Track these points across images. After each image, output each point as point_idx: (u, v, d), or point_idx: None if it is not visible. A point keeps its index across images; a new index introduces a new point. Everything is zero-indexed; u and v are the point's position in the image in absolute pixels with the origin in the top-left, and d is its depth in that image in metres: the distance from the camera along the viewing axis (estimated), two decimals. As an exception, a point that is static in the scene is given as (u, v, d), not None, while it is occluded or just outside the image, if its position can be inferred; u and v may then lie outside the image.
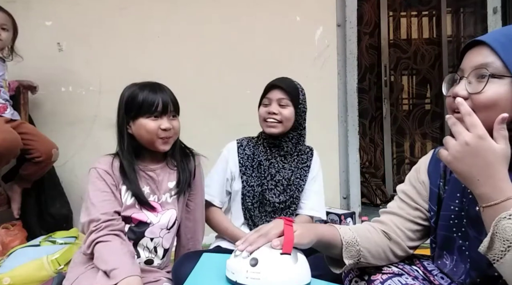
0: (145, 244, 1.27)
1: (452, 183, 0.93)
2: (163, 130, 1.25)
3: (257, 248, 0.90)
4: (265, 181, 1.47)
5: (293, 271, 0.89)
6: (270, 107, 1.45)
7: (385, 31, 3.81)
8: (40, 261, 1.57)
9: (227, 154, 1.54)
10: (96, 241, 1.15)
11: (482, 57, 0.82)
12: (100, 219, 1.17)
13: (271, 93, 1.46)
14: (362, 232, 1.00)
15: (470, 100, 0.82)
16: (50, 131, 2.41)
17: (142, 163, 1.32)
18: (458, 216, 0.91)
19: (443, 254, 0.95)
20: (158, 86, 1.29)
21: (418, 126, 3.97)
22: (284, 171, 1.49)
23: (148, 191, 1.30)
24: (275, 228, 0.92)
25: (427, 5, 3.93)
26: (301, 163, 1.52)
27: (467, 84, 0.83)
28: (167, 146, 1.30)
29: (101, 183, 1.24)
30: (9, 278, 1.51)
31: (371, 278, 0.98)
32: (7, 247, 1.93)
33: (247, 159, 1.49)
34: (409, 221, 1.01)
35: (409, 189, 1.03)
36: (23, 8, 2.46)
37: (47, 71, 2.48)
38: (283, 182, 1.47)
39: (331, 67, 2.60)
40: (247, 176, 1.48)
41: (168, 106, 1.27)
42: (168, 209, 1.31)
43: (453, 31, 3.94)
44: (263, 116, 1.48)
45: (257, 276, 0.86)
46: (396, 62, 3.91)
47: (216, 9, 2.56)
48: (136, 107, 1.24)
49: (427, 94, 4.00)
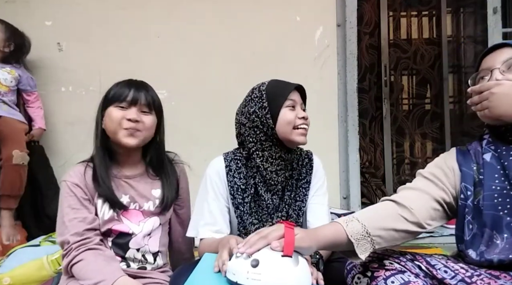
0: (133, 256, 1.23)
1: (487, 165, 1.00)
2: (128, 121, 1.17)
3: (257, 250, 0.90)
4: (268, 218, 1.25)
5: (293, 274, 0.89)
6: (299, 111, 1.23)
7: (385, 31, 3.81)
8: (40, 261, 1.57)
9: (216, 177, 1.26)
10: (70, 265, 1.12)
11: (507, 54, 0.97)
12: (69, 242, 1.13)
13: (295, 94, 1.24)
14: (374, 218, 0.99)
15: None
16: (50, 132, 2.42)
17: (118, 167, 1.26)
18: (502, 195, 0.96)
19: (492, 235, 0.96)
20: (137, 82, 1.25)
21: (418, 126, 3.97)
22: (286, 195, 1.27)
23: (128, 199, 1.24)
24: (276, 231, 0.93)
25: (427, 5, 3.93)
26: (301, 179, 1.30)
27: (502, 73, 0.97)
28: (131, 139, 1.19)
29: (72, 198, 1.17)
30: (9, 278, 1.51)
31: (374, 275, 0.97)
32: (7, 247, 1.93)
33: (237, 191, 1.24)
34: (435, 199, 1.02)
35: (437, 171, 1.06)
36: (23, 8, 2.46)
37: (47, 71, 2.48)
38: (289, 211, 1.26)
39: (331, 67, 2.60)
40: (240, 211, 1.24)
41: (138, 99, 1.20)
42: (151, 217, 1.26)
43: (453, 31, 3.94)
44: (293, 122, 1.21)
45: (257, 277, 0.86)
46: (396, 62, 3.91)
47: (216, 9, 2.56)
48: (107, 97, 1.22)
49: (427, 94, 4.00)
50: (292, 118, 1.21)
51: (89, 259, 1.11)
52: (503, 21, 2.61)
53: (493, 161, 0.99)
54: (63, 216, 1.16)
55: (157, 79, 2.53)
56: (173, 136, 2.36)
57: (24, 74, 2.32)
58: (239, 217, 1.24)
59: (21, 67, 2.33)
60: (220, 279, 0.93)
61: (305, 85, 1.52)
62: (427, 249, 2.31)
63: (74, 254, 1.12)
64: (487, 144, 1.02)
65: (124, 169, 1.26)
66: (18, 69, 2.30)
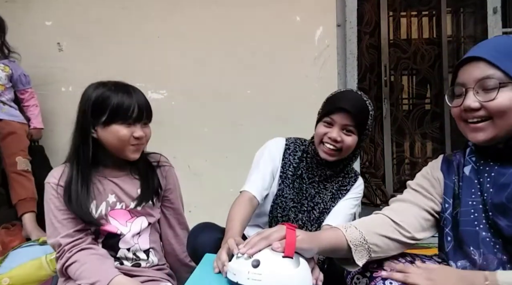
0: (124, 255, 1.23)
1: (466, 180, 1.00)
2: (136, 139, 1.17)
3: (258, 250, 0.90)
4: (304, 201, 1.34)
5: (294, 275, 0.89)
6: (332, 131, 1.25)
7: (385, 31, 3.81)
8: (39, 261, 1.57)
9: (275, 149, 1.39)
10: (64, 266, 1.13)
11: (480, 70, 0.92)
12: (61, 244, 1.13)
13: (337, 115, 1.25)
14: (370, 226, 1.01)
15: (484, 109, 0.91)
16: (50, 131, 2.42)
17: (105, 169, 1.24)
18: (478, 210, 0.96)
19: (469, 251, 0.96)
20: (131, 88, 1.20)
21: (418, 126, 3.97)
22: (325, 192, 1.36)
23: (114, 199, 1.23)
24: (277, 232, 0.93)
25: (427, 5, 3.93)
26: (342, 185, 1.38)
27: (475, 95, 0.92)
28: (138, 153, 1.21)
29: (57, 199, 1.16)
30: (9, 279, 1.51)
31: (373, 275, 0.98)
32: (7, 247, 1.93)
33: (289, 167, 1.36)
34: (424, 209, 1.04)
35: (424, 181, 1.08)
36: (23, 8, 2.46)
37: (47, 71, 2.48)
38: (320, 206, 1.34)
39: (331, 67, 2.60)
40: (284, 186, 1.34)
41: (143, 113, 1.18)
42: (138, 217, 1.26)
43: (453, 31, 3.94)
44: (321, 138, 1.28)
45: (258, 277, 0.86)
46: (396, 62, 3.91)
47: (216, 9, 2.56)
48: (109, 111, 1.14)
49: (427, 94, 4.00)
50: (320, 133, 1.29)
51: (83, 260, 1.11)
52: (503, 21, 2.61)
53: (472, 175, 0.99)
54: (51, 218, 1.15)
55: (157, 79, 2.56)
56: (173, 137, 2.38)
57: (17, 71, 2.26)
58: (281, 190, 1.33)
59: (15, 62, 2.28)
60: (221, 280, 0.93)
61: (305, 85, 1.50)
62: (427, 249, 2.30)
63: (67, 256, 1.13)
64: (469, 154, 1.03)
65: (109, 169, 1.25)
66: (11, 64, 2.25)
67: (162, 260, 1.34)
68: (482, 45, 0.97)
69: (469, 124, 0.95)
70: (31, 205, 2.15)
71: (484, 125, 0.92)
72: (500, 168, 0.94)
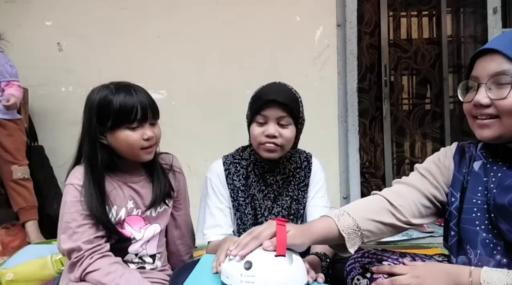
0: (131, 259, 1.21)
1: (474, 175, 0.97)
2: (146, 141, 1.13)
3: (250, 251, 0.89)
4: (262, 218, 1.26)
5: (288, 273, 0.88)
6: (268, 128, 1.17)
7: (385, 31, 3.81)
8: (44, 260, 1.56)
9: (217, 181, 1.28)
10: (85, 273, 1.07)
11: (496, 64, 0.88)
12: (81, 249, 1.07)
13: (268, 110, 1.17)
14: (364, 211, 0.99)
15: (494, 106, 0.89)
16: (50, 131, 2.42)
17: (123, 175, 1.20)
18: (481, 209, 0.93)
19: (466, 249, 0.96)
20: (133, 88, 1.14)
21: (418, 126, 3.96)
22: (282, 198, 1.27)
23: (132, 205, 1.20)
24: (268, 229, 0.92)
25: (427, 5, 3.92)
26: (298, 183, 1.29)
27: (487, 91, 0.89)
28: (151, 155, 1.17)
29: (80, 203, 1.11)
30: (13, 274, 1.51)
31: (373, 276, 0.98)
32: (7, 247, 1.94)
33: (237, 192, 1.26)
34: (426, 197, 1.02)
35: (433, 167, 1.05)
36: (23, 8, 2.46)
37: (47, 71, 2.48)
38: (282, 213, 1.27)
39: (331, 67, 2.60)
40: (240, 213, 1.26)
41: (147, 112, 1.12)
42: (152, 224, 1.23)
43: (453, 31, 3.93)
44: (258, 139, 1.19)
45: (251, 280, 0.85)
46: (396, 62, 3.91)
47: (216, 9, 2.56)
48: (113, 116, 1.09)
49: (427, 94, 3.99)
50: (256, 134, 1.19)
51: (107, 268, 1.08)
52: (503, 21, 2.61)
53: (480, 171, 0.96)
54: (71, 221, 1.09)
55: (157, 79, 2.56)
56: (173, 137, 2.37)
57: (2, 60, 2.12)
58: (239, 218, 1.26)
59: (4, 53, 2.17)
60: (218, 281, 0.93)
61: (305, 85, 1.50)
62: (427, 249, 2.30)
63: (88, 262, 1.07)
64: (481, 149, 1.00)
65: (128, 174, 1.22)
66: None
67: (165, 262, 1.34)
68: (500, 37, 0.94)
69: (477, 121, 0.93)
70: (32, 213, 2.13)
71: (491, 123, 0.90)
72: (508, 169, 0.92)
